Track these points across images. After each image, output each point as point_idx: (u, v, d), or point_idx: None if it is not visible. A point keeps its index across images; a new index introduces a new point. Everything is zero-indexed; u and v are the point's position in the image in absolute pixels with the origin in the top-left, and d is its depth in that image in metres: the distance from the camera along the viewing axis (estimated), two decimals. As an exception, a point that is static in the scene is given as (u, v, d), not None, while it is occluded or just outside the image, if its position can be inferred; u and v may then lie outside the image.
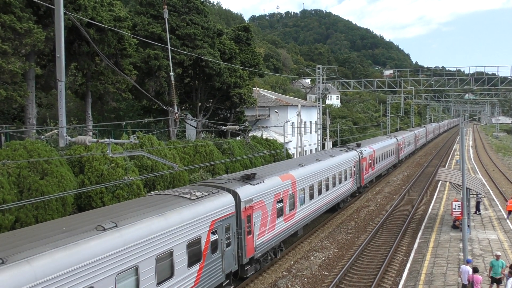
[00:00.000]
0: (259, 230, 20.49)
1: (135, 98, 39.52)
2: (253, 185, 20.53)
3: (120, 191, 22.78)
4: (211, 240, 16.83)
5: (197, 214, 16.05)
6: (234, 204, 18.57)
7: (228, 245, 18.12)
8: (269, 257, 22.49)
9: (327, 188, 30.86)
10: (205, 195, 17.46)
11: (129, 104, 47.37)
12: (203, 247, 16.32)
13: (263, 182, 21.44)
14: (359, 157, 39.80)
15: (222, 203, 17.86)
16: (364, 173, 41.35)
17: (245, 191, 19.55)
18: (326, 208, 30.93)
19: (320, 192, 29.33)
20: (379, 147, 49.15)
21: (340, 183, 33.88)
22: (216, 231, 17.21)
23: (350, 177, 36.95)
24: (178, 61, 37.11)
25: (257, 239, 20.41)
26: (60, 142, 13.03)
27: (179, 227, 14.94)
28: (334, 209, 34.21)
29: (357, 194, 40.86)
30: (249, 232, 19.62)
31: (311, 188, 27.70)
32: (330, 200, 31.76)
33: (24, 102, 24.77)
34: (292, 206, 24.57)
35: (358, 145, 43.06)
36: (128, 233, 13.01)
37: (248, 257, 19.65)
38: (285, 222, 23.63)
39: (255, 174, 21.78)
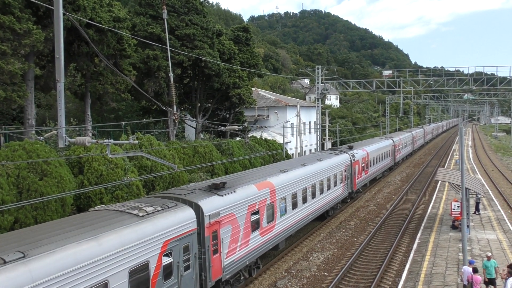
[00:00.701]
0: (228, 247, 18.02)
1: (134, 99, 39.52)
2: (222, 196, 18.03)
3: (119, 191, 22.77)
4: (163, 264, 14.20)
5: (144, 234, 13.44)
6: (196, 219, 15.96)
7: (187, 268, 15.45)
8: (243, 277, 20.01)
9: (314, 196, 28.34)
10: (157, 211, 14.79)
11: (128, 104, 47.36)
12: (151, 274, 13.66)
13: (234, 192, 18.96)
14: (351, 160, 37.49)
15: (179, 219, 15.21)
16: (356, 177, 39.03)
17: (211, 204, 17.09)
18: (312, 217, 28.48)
19: (305, 200, 26.83)
20: (373, 149, 46.91)
21: (329, 189, 31.44)
22: (170, 252, 14.56)
23: (341, 182, 34.53)
24: (178, 61, 37.10)
25: (226, 258, 17.91)
26: (59, 142, 13.02)
27: (117, 252, 12.27)
28: (323, 217, 32.03)
29: (348, 200, 38.56)
30: (216, 251, 17.09)
31: (294, 196, 25.13)
32: (317, 208, 29.24)
33: (23, 102, 24.75)
34: (271, 218, 21.96)
35: (350, 148, 41.22)
36: (40, 267, 10.19)
37: (214, 280, 17.12)
38: (262, 236, 21.01)
39: (225, 183, 19.35)
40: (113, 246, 12.30)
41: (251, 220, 20.00)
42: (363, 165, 41.61)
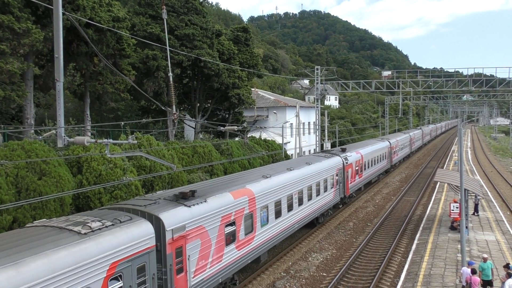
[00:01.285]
0: (196, 265, 15.99)
1: (133, 99, 39.52)
2: (189, 206, 15.98)
3: (118, 191, 22.77)
4: None
5: (84, 256, 11.38)
6: (154, 235, 13.90)
7: None
8: None
9: (301, 202, 26.25)
10: (106, 226, 12.68)
11: (127, 104, 47.37)
12: None
13: (204, 201, 16.91)
14: (344, 163, 35.30)
15: (133, 235, 13.08)
16: (349, 182, 36.86)
17: (175, 216, 14.96)
18: (299, 226, 26.37)
19: (290, 208, 24.64)
20: (368, 151, 44.74)
21: (318, 195, 29.33)
22: (120, 275, 12.47)
23: (332, 187, 32.39)
24: (177, 61, 37.11)
25: (194, 277, 15.82)
26: (58, 142, 13.00)
27: (44, 281, 10.17)
28: (312, 224, 29.99)
29: (340, 206, 36.29)
30: (180, 270, 15.04)
31: (278, 204, 23.00)
32: (305, 216, 27.11)
33: (22, 102, 24.73)
34: (250, 229, 19.92)
35: (343, 150, 38.74)
36: None
37: None
38: (239, 250, 19.02)
39: (194, 191, 17.32)
40: (39, 274, 10.16)
41: (226, 232, 17.93)
42: (357, 168, 39.62)
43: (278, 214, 23.00)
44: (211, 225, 16.91)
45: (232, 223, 18.56)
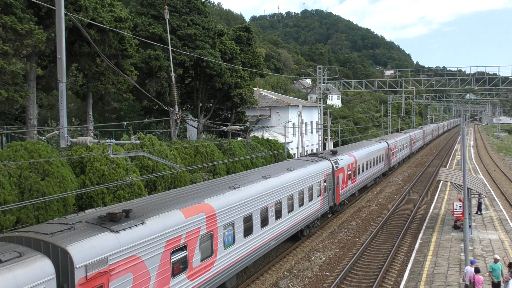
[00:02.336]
0: None
1: (136, 99, 39.57)
2: (117, 232, 12.68)
3: (121, 191, 22.80)
4: None
5: None
6: (55, 276, 10.62)
7: None
8: None
9: (279, 215, 22.93)
10: None
11: (130, 104, 47.41)
12: None
13: (141, 224, 13.60)
14: (333, 168, 32.02)
15: (16, 282, 9.70)
16: (340, 188, 33.77)
17: (92, 247, 11.72)
18: (277, 243, 23.03)
19: (265, 223, 21.36)
20: (362, 154, 41.60)
21: (301, 205, 26.15)
22: None
23: (319, 195, 29.23)
24: (179, 61, 37.13)
25: None
26: (61, 142, 13.03)
27: None
28: (295, 238, 27.02)
29: (329, 215, 33.01)
30: None
31: (248, 219, 19.77)
32: (285, 230, 23.80)
33: (25, 103, 24.79)
34: (208, 252, 16.69)
35: (333, 153, 35.24)
36: None
37: None
38: (192, 280, 15.75)
39: (129, 211, 14.03)
40: None
41: (172, 260, 14.63)
42: (350, 172, 36.39)
43: (248, 231, 19.70)
44: (149, 253, 13.57)
45: (182, 248, 15.11)
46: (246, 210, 19.56)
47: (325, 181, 30.38)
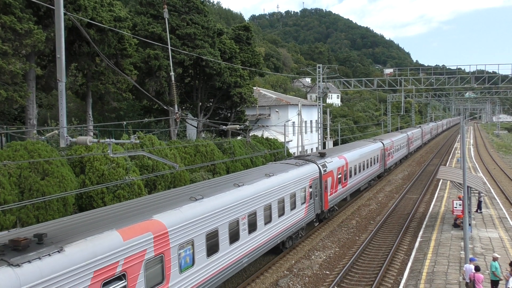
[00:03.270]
0: None
1: (135, 98, 39.56)
2: (17, 265, 9.74)
3: (121, 191, 22.81)
4: None
5: None
6: None
7: None
8: None
9: (253, 229, 20.07)
10: None
11: (129, 104, 47.40)
12: None
13: (58, 252, 10.71)
14: (321, 172, 29.29)
15: None
16: (329, 193, 31.03)
17: None
18: (250, 260, 20.08)
19: (235, 238, 18.50)
20: (354, 155, 38.68)
21: (282, 214, 23.23)
22: None
23: (303, 203, 26.42)
24: (179, 60, 37.12)
25: None
26: (61, 142, 13.03)
27: None
28: (276, 250, 24.38)
29: (316, 224, 30.18)
30: None
31: (213, 235, 16.91)
32: (260, 244, 20.77)
33: (24, 102, 24.78)
34: (158, 279, 13.92)
35: (322, 155, 32.12)
36: None
37: None
38: None
39: (42, 236, 10.95)
40: None
41: None
42: (340, 176, 33.67)
43: (213, 249, 16.91)
44: None
45: (120, 277, 12.30)
46: (210, 225, 16.69)
47: (310, 187, 27.56)
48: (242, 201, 19.19)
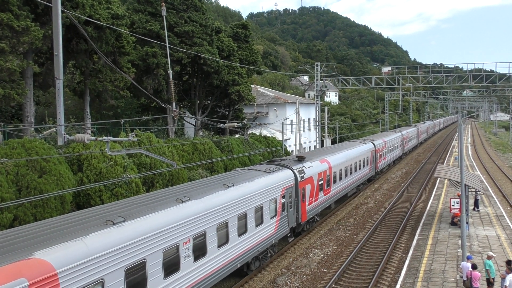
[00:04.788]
0: None
1: (133, 96, 39.50)
2: None
3: (119, 189, 22.80)
4: None
5: None
6: None
7: None
8: None
9: (201, 254, 16.30)
10: None
11: (127, 102, 47.32)
12: None
13: None
14: (296, 179, 25.61)
15: None
16: (307, 203, 27.27)
17: None
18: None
19: (172, 269, 14.70)
20: (340, 158, 34.99)
21: (243, 233, 19.51)
22: None
23: (273, 216, 22.64)
24: (176, 58, 37.07)
25: None
26: (59, 140, 13.02)
27: None
28: (241, 273, 20.80)
29: (291, 240, 26.04)
30: None
31: (138, 268, 13.11)
32: (211, 273, 17.01)
33: (22, 100, 24.72)
34: None
35: (300, 159, 28.34)
36: None
37: None
38: None
39: None
40: None
41: None
42: (321, 182, 30.08)
43: (137, 287, 13.06)
44: None
45: None
46: (132, 256, 12.81)
47: (283, 197, 23.77)
48: (186, 221, 15.37)
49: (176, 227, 14.85)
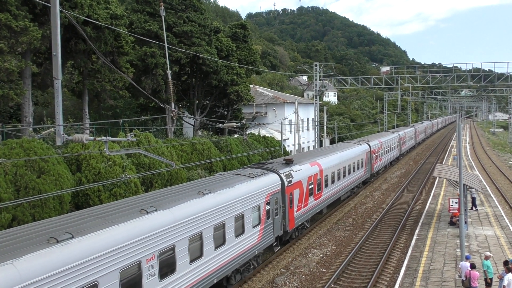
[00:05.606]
0: None
1: (132, 96, 39.49)
2: None
3: (117, 189, 22.78)
4: None
5: None
6: None
7: None
8: None
9: (169, 270, 14.59)
10: None
11: (126, 102, 47.31)
12: None
13: None
14: (283, 183, 23.92)
15: None
16: (295, 209, 25.67)
17: None
18: None
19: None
20: (332, 160, 33.33)
21: (221, 245, 17.75)
22: None
23: (257, 225, 20.90)
24: (175, 58, 37.05)
25: None
26: (57, 140, 13.00)
27: None
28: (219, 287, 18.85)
29: (276, 249, 24.19)
30: None
31: None
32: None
33: (20, 100, 24.69)
34: None
35: (288, 163, 26.66)
36: None
37: None
38: None
39: None
40: None
41: None
42: (311, 187, 28.44)
43: None
44: None
45: None
46: (81, 279, 11.13)
47: (268, 203, 22.12)
48: (150, 234, 13.63)
49: (137, 242, 13.08)
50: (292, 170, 25.86)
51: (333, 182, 33.05)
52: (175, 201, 15.95)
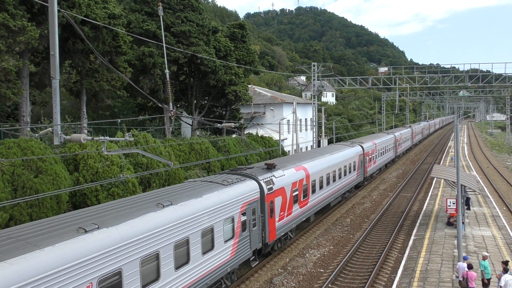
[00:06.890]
0: None
1: (130, 96, 39.46)
2: None
3: (115, 189, 22.75)
4: None
5: None
6: None
7: None
8: None
9: None
10: None
11: (124, 101, 47.27)
12: None
13: None
14: (262, 191, 21.64)
15: None
16: (277, 219, 23.33)
17: None
18: None
19: None
20: (320, 165, 30.97)
21: (185, 263, 15.49)
22: None
23: (230, 239, 18.61)
24: (173, 58, 37.02)
25: None
26: (55, 140, 12.99)
27: None
28: None
29: (254, 264, 21.63)
30: None
31: None
32: None
33: (18, 100, 24.64)
34: None
35: (270, 168, 24.32)
36: None
37: None
38: None
39: None
40: None
41: None
42: (296, 193, 26.09)
43: None
44: None
45: None
46: None
47: (243, 214, 19.80)
48: (88, 258, 11.37)
49: (71, 268, 10.87)
50: (273, 176, 23.53)
51: (321, 187, 30.74)
52: (123, 216, 13.47)
